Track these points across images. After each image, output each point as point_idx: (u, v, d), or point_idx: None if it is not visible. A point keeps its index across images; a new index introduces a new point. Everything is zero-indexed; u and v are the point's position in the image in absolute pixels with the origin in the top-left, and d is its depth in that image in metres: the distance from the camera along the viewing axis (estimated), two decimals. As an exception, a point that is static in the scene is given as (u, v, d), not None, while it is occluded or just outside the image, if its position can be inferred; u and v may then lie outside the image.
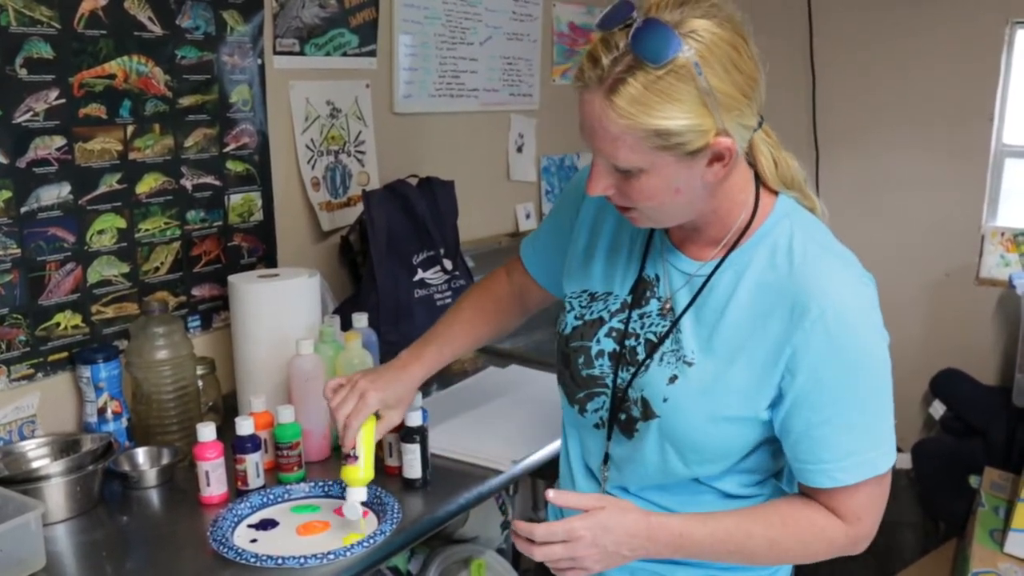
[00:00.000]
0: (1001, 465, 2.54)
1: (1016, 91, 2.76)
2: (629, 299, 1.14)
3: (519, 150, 2.66)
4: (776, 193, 1.08)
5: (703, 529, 1.05)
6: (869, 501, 1.04)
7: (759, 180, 1.07)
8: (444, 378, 1.94)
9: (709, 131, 0.92)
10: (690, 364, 1.06)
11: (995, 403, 2.65)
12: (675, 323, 1.08)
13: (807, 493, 1.07)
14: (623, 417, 1.12)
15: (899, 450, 2.84)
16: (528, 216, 2.72)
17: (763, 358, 1.01)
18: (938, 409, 2.82)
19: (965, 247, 2.84)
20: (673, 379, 1.06)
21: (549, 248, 1.33)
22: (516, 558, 2.14)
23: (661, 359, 1.08)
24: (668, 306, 1.10)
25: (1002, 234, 2.79)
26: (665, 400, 1.06)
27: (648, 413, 1.08)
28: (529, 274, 1.39)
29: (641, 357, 1.10)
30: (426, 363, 1.39)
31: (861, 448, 1.01)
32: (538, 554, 1.03)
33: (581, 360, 1.16)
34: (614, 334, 1.14)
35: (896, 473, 2.83)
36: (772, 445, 1.09)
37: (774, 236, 1.04)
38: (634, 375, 1.10)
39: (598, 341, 1.15)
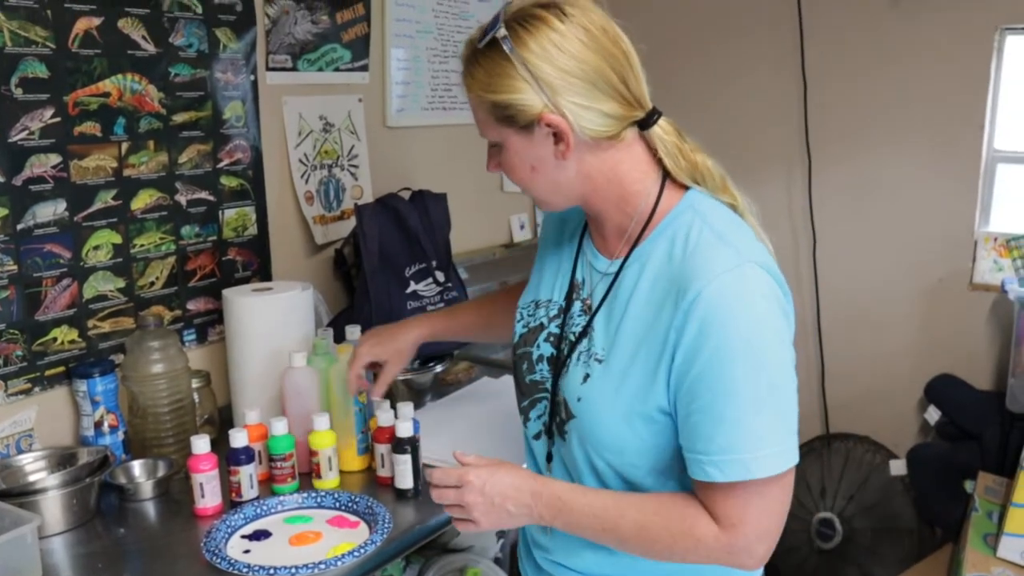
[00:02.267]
0: (995, 470, 2.54)
1: (1006, 97, 2.78)
2: (564, 304, 1.17)
3: (513, 161, 2.68)
4: (686, 188, 1.09)
5: (583, 499, 1.06)
6: (746, 508, 1.00)
7: (668, 175, 1.09)
8: (437, 388, 1.96)
9: (535, 106, 1.01)
10: (600, 361, 1.07)
11: (989, 408, 2.66)
12: (589, 322, 1.10)
13: (693, 487, 1.05)
14: (557, 420, 1.14)
15: (894, 456, 2.88)
16: (522, 227, 2.74)
17: (656, 348, 1.01)
18: (933, 414, 2.82)
19: (958, 253, 2.84)
20: (586, 378, 1.08)
21: None
22: (512, 568, 2.15)
23: (578, 358, 1.10)
24: (588, 304, 1.13)
25: (995, 239, 2.79)
26: (579, 400, 1.08)
27: (567, 414, 1.11)
28: None
29: (565, 357, 1.13)
30: (429, 323, 1.52)
31: (735, 446, 0.97)
32: (434, 495, 1.12)
33: (525, 366, 1.19)
34: (551, 338, 1.16)
35: (892, 479, 2.86)
36: None
37: (675, 227, 1.05)
38: (558, 376, 1.13)
39: (538, 346, 1.18)
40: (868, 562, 2.89)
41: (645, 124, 1.06)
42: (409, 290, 1.99)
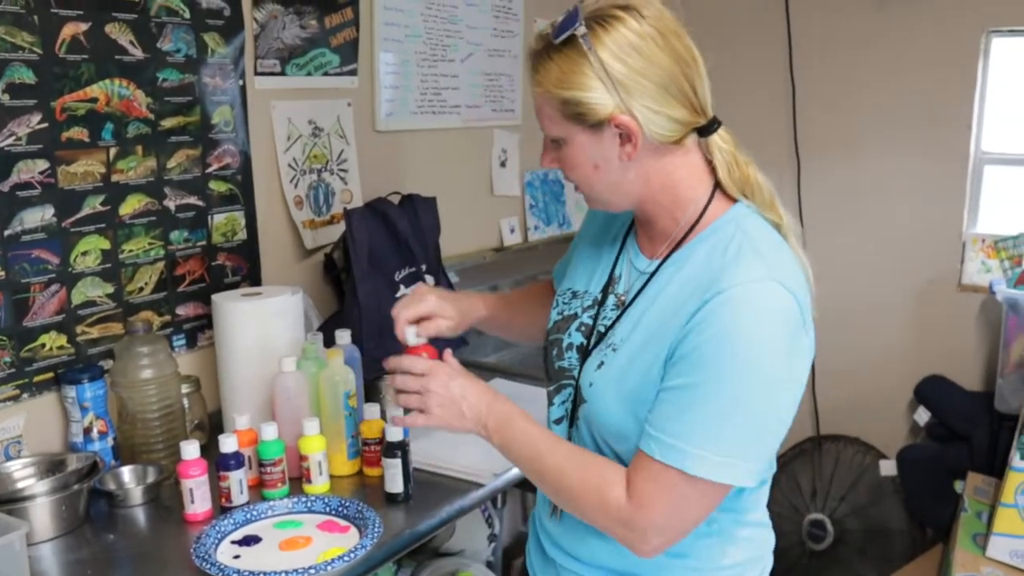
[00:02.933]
0: (985, 470, 2.56)
1: (993, 99, 2.80)
2: (599, 296, 1.18)
3: (502, 165, 2.68)
4: (734, 201, 1.10)
5: (527, 426, 1.10)
6: (660, 494, 1.00)
7: (719, 186, 1.09)
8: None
9: (607, 106, 1.01)
10: (615, 350, 1.09)
11: (978, 408, 2.67)
12: (619, 316, 1.11)
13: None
14: (574, 407, 1.16)
15: (884, 456, 2.89)
16: (512, 231, 2.75)
17: (670, 338, 1.01)
18: (923, 415, 2.84)
19: (947, 254, 2.86)
20: (600, 365, 1.10)
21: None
22: (505, 571, 2.15)
23: (600, 348, 1.12)
24: (622, 300, 1.14)
25: (983, 240, 2.81)
26: (591, 385, 1.10)
27: (579, 399, 1.13)
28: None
29: (591, 348, 1.15)
30: (489, 303, 1.42)
31: (687, 437, 0.97)
32: (397, 382, 1.14)
33: (555, 352, 1.21)
34: (583, 328, 1.18)
35: (882, 480, 2.87)
36: None
37: (717, 237, 1.06)
38: (582, 365, 1.14)
39: (569, 335, 1.19)
40: (859, 563, 2.90)
41: (705, 131, 1.07)
42: (399, 294, 1.98)
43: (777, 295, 0.99)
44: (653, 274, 1.11)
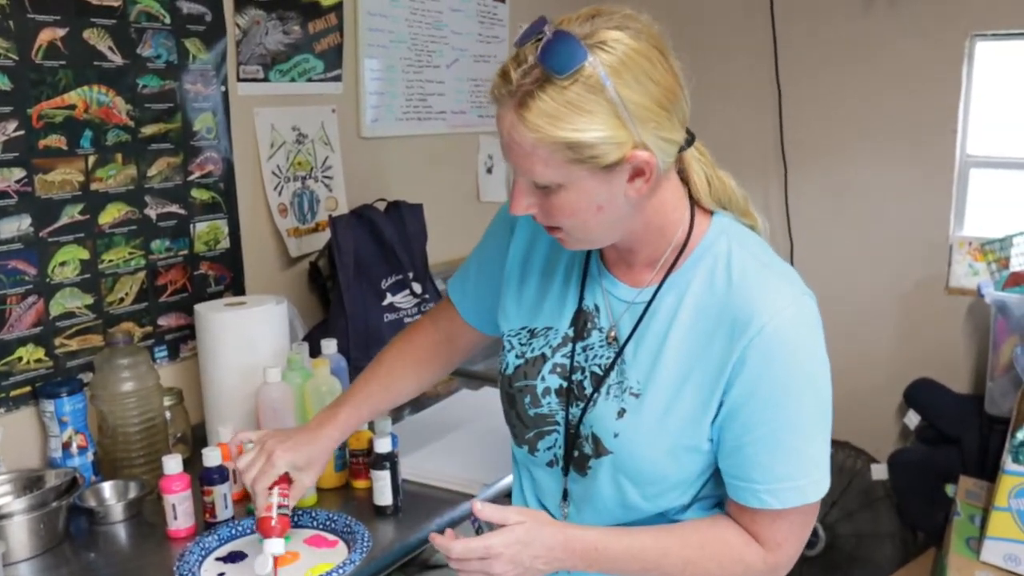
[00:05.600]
0: (976, 473, 2.55)
1: (978, 102, 2.80)
2: (571, 332, 1.11)
3: (489, 171, 2.66)
4: (711, 212, 1.06)
5: (619, 544, 1.03)
6: (792, 529, 1.02)
7: (693, 199, 1.05)
8: (416, 402, 1.93)
9: (625, 144, 0.91)
10: (637, 396, 1.03)
11: (968, 411, 2.67)
12: (619, 353, 1.05)
13: (731, 511, 1.06)
14: (576, 455, 1.10)
15: (875, 461, 2.88)
16: (500, 237, 2.72)
17: (709, 381, 0.99)
18: (912, 419, 2.83)
19: (934, 258, 2.86)
20: (622, 412, 1.04)
21: (480, 285, 1.29)
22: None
23: (608, 392, 1.06)
24: (612, 335, 1.08)
25: (969, 244, 2.82)
26: (616, 436, 1.04)
27: (600, 450, 1.06)
28: (459, 316, 1.34)
29: (589, 392, 1.08)
30: (340, 424, 1.30)
31: (792, 473, 0.99)
32: (455, 566, 1.02)
33: (528, 400, 1.13)
34: (559, 370, 1.11)
35: (873, 484, 2.86)
36: None
37: (712, 255, 1.03)
38: (584, 411, 1.08)
39: (543, 379, 1.12)
40: (852, 568, 2.89)
41: (683, 146, 1.00)
42: (386, 302, 1.96)
43: (808, 309, 1.00)
44: (649, 304, 1.05)
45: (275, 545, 1.20)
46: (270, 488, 1.23)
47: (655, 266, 1.06)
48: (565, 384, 1.10)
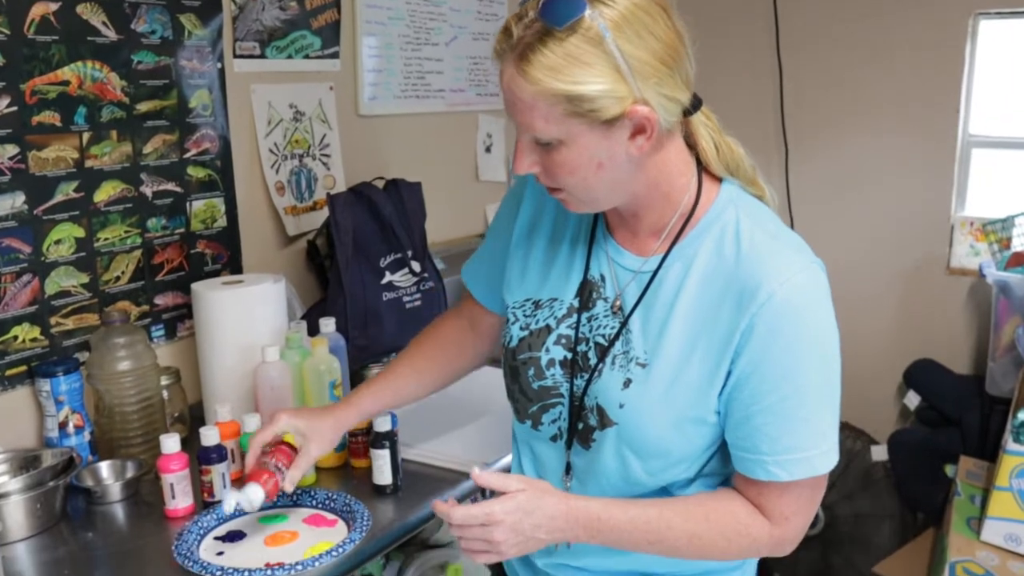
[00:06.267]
0: (976, 453, 2.55)
1: (980, 82, 2.78)
2: (576, 303, 1.09)
3: (488, 150, 2.64)
4: (720, 180, 1.05)
5: (623, 515, 1.01)
6: (799, 502, 1.00)
7: (701, 166, 1.04)
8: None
9: (625, 98, 0.90)
10: (643, 366, 1.02)
11: (969, 392, 2.66)
12: (624, 323, 1.04)
13: (738, 484, 1.04)
14: (580, 427, 1.08)
15: (875, 442, 2.88)
16: (499, 217, 2.70)
17: (717, 350, 0.98)
18: (913, 400, 2.82)
19: (935, 237, 2.85)
20: (627, 383, 1.03)
21: (492, 265, 1.26)
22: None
23: (612, 362, 1.04)
24: (617, 305, 1.06)
25: (971, 224, 2.80)
26: (622, 406, 1.03)
27: (605, 421, 1.05)
28: (476, 299, 1.33)
29: (593, 363, 1.06)
30: (357, 406, 1.32)
31: (801, 444, 0.97)
32: (455, 533, 1.02)
33: (531, 372, 1.12)
34: (563, 341, 1.09)
35: (873, 464, 2.86)
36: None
37: (720, 224, 1.01)
38: (588, 382, 1.06)
39: (547, 350, 1.10)
40: (851, 548, 2.89)
41: (689, 109, 0.99)
42: (384, 281, 1.94)
43: (817, 277, 0.98)
44: (655, 273, 1.03)
45: (255, 490, 1.22)
46: (270, 455, 1.26)
47: (661, 234, 1.04)
48: (570, 356, 1.08)
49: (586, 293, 1.09)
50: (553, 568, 1.18)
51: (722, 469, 1.08)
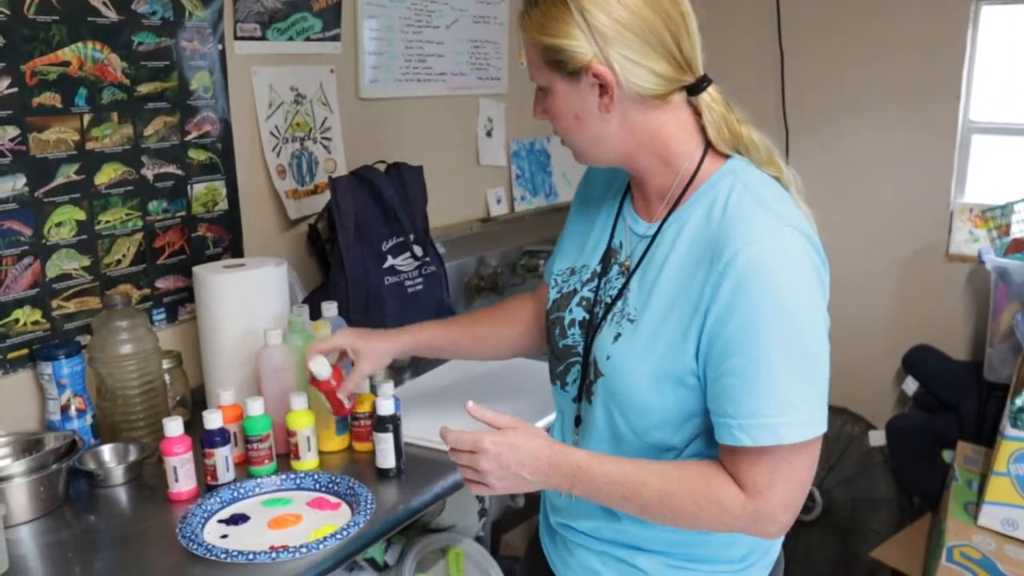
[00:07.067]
0: (974, 439, 2.56)
1: (982, 68, 2.77)
2: (599, 268, 1.16)
3: (488, 134, 2.63)
4: (727, 157, 1.08)
5: (601, 468, 1.04)
6: (773, 474, 0.99)
7: (711, 144, 1.08)
8: (417, 366, 1.92)
9: (585, 54, 1.02)
10: (632, 321, 1.06)
11: (967, 378, 2.67)
12: (626, 283, 1.10)
13: (720, 455, 1.04)
14: (587, 381, 1.13)
15: (873, 427, 2.89)
16: (499, 201, 2.70)
17: (690, 308, 1.00)
18: (911, 385, 2.83)
19: (934, 224, 2.85)
20: (617, 337, 1.07)
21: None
22: (494, 546, 2.13)
23: (611, 319, 1.10)
24: (626, 267, 1.12)
25: (970, 210, 2.80)
26: (608, 358, 1.08)
27: (596, 373, 1.10)
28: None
29: (598, 321, 1.12)
30: (414, 334, 1.44)
31: (764, 411, 0.96)
32: (451, 457, 1.10)
33: (557, 332, 1.19)
34: (584, 303, 1.16)
35: (870, 450, 2.87)
36: None
37: (715, 191, 1.05)
38: (592, 337, 1.12)
39: (570, 311, 1.17)
40: (848, 533, 2.91)
41: (694, 90, 1.06)
42: (386, 265, 1.93)
43: (793, 240, 0.98)
44: (654, 237, 1.09)
45: (321, 363, 1.38)
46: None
47: (664, 200, 1.10)
48: (587, 316, 1.15)
49: (607, 259, 1.16)
50: (560, 528, 1.22)
51: (711, 452, 1.08)
